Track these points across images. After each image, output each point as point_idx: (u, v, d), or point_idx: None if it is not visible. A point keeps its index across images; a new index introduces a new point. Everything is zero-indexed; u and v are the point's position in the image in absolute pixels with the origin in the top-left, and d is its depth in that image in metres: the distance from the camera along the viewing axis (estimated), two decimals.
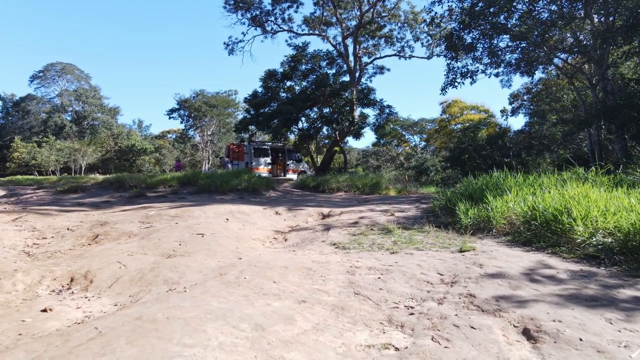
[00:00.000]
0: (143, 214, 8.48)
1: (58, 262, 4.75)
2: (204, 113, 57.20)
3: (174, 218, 7.90)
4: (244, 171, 16.23)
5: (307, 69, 24.83)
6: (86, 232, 6.94)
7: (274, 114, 23.39)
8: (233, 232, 6.70)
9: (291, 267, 4.49)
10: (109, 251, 5.31)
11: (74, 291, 4.00)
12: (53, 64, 75.62)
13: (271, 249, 6.22)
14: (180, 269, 4.44)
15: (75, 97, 72.22)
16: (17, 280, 3.97)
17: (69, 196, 12.82)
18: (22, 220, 8.66)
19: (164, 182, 13.83)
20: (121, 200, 11.74)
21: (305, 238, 6.88)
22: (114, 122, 73.54)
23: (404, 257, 4.98)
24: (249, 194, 13.53)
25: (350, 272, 4.38)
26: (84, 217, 8.88)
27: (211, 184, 13.54)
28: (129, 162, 56.11)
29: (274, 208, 9.85)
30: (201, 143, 61.92)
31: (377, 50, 25.91)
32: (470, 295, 3.52)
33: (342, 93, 23.40)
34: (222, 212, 8.74)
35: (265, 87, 25.42)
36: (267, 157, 26.35)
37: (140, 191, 12.53)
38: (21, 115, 73.06)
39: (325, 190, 16.77)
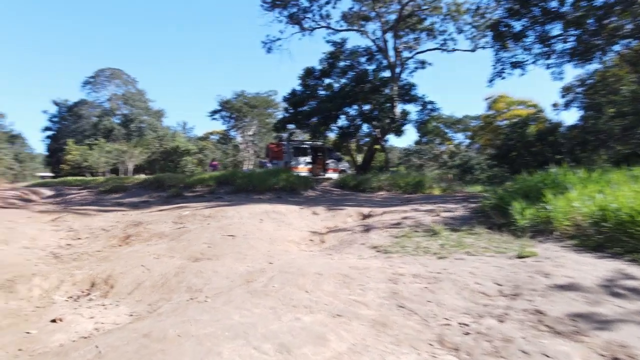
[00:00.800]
0: (177, 214, 8.29)
1: (82, 265, 4.52)
2: (245, 114, 57.82)
3: (207, 218, 7.63)
4: (282, 170, 15.93)
5: (345, 65, 24.27)
6: (119, 233, 6.78)
7: (313, 112, 22.97)
8: (266, 234, 6.33)
9: (326, 273, 4.04)
10: (136, 253, 5.06)
11: (92, 297, 3.72)
12: (103, 69, 78.72)
13: (306, 252, 5.80)
14: (206, 274, 4.09)
15: (123, 100, 75.00)
16: (34, 285, 3.75)
17: (110, 196, 12.94)
18: (61, 220, 8.68)
19: (201, 181, 13.73)
20: (159, 200, 11.69)
21: (344, 240, 6.41)
22: (159, 124, 75.76)
23: (453, 263, 4.42)
24: (287, 194, 13.21)
25: (392, 280, 3.88)
26: (121, 217, 8.80)
27: (248, 184, 13.31)
28: (173, 163, 57.48)
29: (311, 208, 9.44)
30: (242, 143, 62.62)
31: (418, 44, 24.97)
32: (538, 311, 2.94)
33: (382, 89, 22.69)
34: (256, 212, 8.41)
35: (304, 85, 25.07)
36: (307, 156, 26.02)
37: (178, 191, 12.47)
38: (74, 119, 76.60)
39: (366, 189, 16.23)
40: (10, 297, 3.48)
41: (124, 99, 75.10)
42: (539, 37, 17.76)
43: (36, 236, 6.60)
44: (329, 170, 26.76)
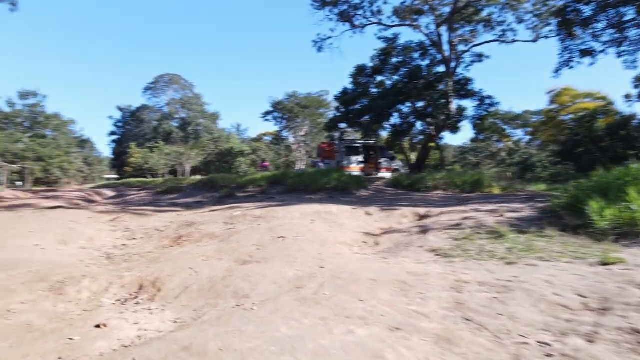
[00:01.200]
0: (228, 214, 8.24)
1: (132, 267, 4.48)
2: (297, 114, 58.22)
3: (257, 219, 7.51)
4: (334, 170, 15.68)
5: (398, 61, 23.68)
6: (171, 234, 6.79)
7: (365, 110, 22.60)
8: (317, 235, 6.08)
9: (382, 279, 3.73)
10: (186, 255, 4.97)
11: (140, 301, 3.62)
12: (162, 75, 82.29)
13: (359, 255, 5.48)
14: (254, 278, 3.90)
15: (181, 104, 78.01)
16: (83, 287, 3.70)
17: (166, 197, 13.24)
18: (119, 220, 8.89)
19: (253, 182, 13.76)
20: (212, 200, 11.80)
21: (400, 242, 6.04)
22: (214, 126, 78.08)
23: (525, 270, 3.96)
24: (339, 193, 12.94)
25: (456, 289, 3.50)
26: (175, 217, 8.89)
27: (300, 184, 13.17)
28: (228, 164, 58.94)
29: (364, 208, 9.10)
30: (295, 144, 63.12)
31: (474, 37, 23.86)
32: (635, 331, 2.48)
33: (437, 85, 21.92)
34: (307, 212, 8.20)
35: (355, 83, 24.74)
36: (359, 155, 25.64)
37: (230, 191, 12.54)
38: (137, 123, 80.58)
39: (421, 188, 15.66)
40: (59, 299, 3.44)
41: (181, 103, 78.07)
42: (610, 23, 16.38)
43: (94, 236, 6.75)
44: (381, 170, 26.24)
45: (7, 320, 2.95)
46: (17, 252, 4.77)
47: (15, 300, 3.32)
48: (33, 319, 3.02)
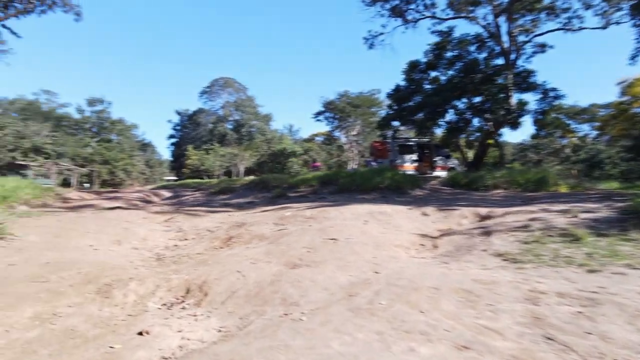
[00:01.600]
0: (279, 215, 8.08)
1: (180, 269, 4.37)
2: (348, 114, 57.87)
3: (308, 220, 7.28)
4: (387, 168, 15.22)
5: (453, 56, 22.74)
6: (222, 234, 6.70)
7: (418, 107, 21.88)
8: (371, 237, 5.74)
9: (444, 288, 3.35)
10: (234, 257, 4.81)
11: (186, 306, 3.47)
12: (217, 79, 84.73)
13: (417, 259, 5.10)
14: (304, 284, 3.65)
15: (235, 107, 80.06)
16: (130, 290, 3.61)
17: (218, 197, 13.37)
18: (172, 220, 8.99)
19: (305, 182, 13.60)
20: (263, 200, 11.75)
21: (460, 245, 5.59)
22: (267, 128, 79.48)
23: (612, 280, 3.44)
24: (392, 193, 12.50)
25: (531, 301, 3.07)
26: (227, 218, 8.86)
27: (352, 183, 12.85)
28: (280, 165, 59.63)
29: (420, 208, 8.64)
30: (347, 143, 62.81)
31: (536, 27, 22.39)
32: None
33: (495, 78, 20.82)
34: (360, 212, 7.87)
35: (408, 80, 24.03)
36: (413, 153, 24.93)
37: (281, 191, 12.44)
38: (193, 127, 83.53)
39: (479, 187, 14.88)
40: (106, 303, 3.35)
41: (235, 106, 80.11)
42: None
43: (147, 237, 6.79)
44: (436, 168, 25.38)
45: (52, 325, 2.88)
46: (72, 252, 4.81)
47: (63, 304, 3.26)
48: (77, 323, 2.93)
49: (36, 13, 19.44)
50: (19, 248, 4.75)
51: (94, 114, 67.75)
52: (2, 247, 4.73)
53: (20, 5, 18.33)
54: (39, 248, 4.81)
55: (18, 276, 3.79)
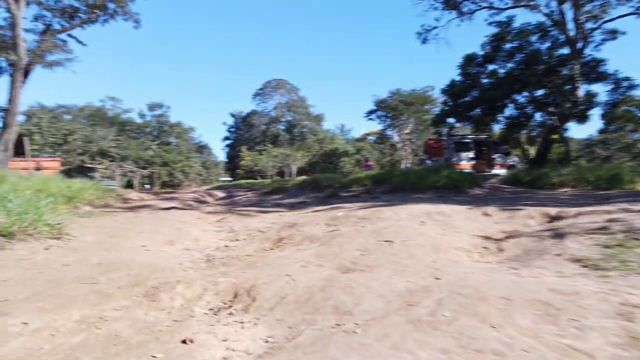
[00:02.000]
0: (331, 215, 7.83)
1: (229, 271, 4.22)
2: (401, 112, 56.86)
3: (361, 220, 6.97)
4: (443, 166, 14.61)
5: (512, 47, 21.56)
6: (273, 235, 6.55)
7: (475, 102, 20.93)
8: (429, 239, 5.36)
9: (517, 298, 2.96)
10: (284, 260, 4.61)
11: (233, 311, 3.29)
12: (269, 81, 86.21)
13: (481, 263, 4.66)
14: (357, 290, 3.36)
15: (287, 108, 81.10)
16: (177, 293, 3.48)
17: (271, 197, 13.35)
18: (225, 220, 8.99)
19: (357, 181, 13.30)
20: (315, 200, 11.57)
21: (530, 248, 5.08)
22: (319, 128, 79.89)
23: None
24: (449, 192, 11.93)
25: (624, 316, 2.61)
26: (278, 218, 8.74)
27: (406, 182, 12.40)
28: (332, 165, 59.60)
29: (481, 208, 8.09)
30: (399, 142, 61.75)
31: (605, 12, 20.74)
32: None
33: (560, 69, 19.48)
34: (416, 213, 7.47)
35: (464, 74, 23.08)
36: (470, 151, 23.94)
37: (333, 191, 12.22)
38: (247, 128, 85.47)
39: (544, 185, 13.94)
40: (152, 306, 3.24)
41: (287, 107, 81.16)
42: None
43: (199, 237, 6.77)
44: (495, 166, 24.24)
45: (97, 330, 2.78)
46: (124, 253, 4.81)
47: (110, 307, 3.18)
48: (122, 328, 2.82)
49: (99, 22, 20.48)
50: (75, 248, 4.81)
51: (154, 118, 70.93)
52: (59, 247, 4.81)
53: (85, 15, 19.36)
54: (93, 248, 4.85)
55: (70, 277, 3.78)
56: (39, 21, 18.89)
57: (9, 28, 15.86)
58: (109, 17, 19.83)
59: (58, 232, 5.21)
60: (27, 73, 16.75)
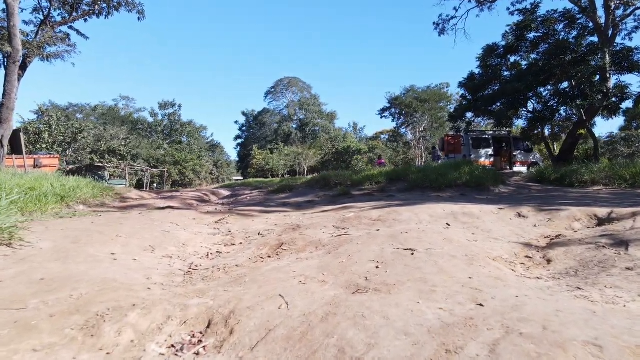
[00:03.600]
0: (340, 216, 6.85)
1: (207, 289, 3.26)
2: (415, 109, 55.60)
3: (375, 223, 5.97)
4: (464, 162, 13.50)
5: (536, 37, 20.29)
6: (273, 240, 5.57)
7: (496, 95, 19.72)
8: (459, 247, 4.33)
9: (609, 344, 1.95)
10: (279, 273, 3.64)
11: (201, 350, 2.33)
12: (281, 79, 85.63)
13: (530, 280, 3.62)
14: (371, 322, 2.38)
15: (299, 106, 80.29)
16: (128, 324, 2.53)
17: (277, 196, 12.43)
18: (223, 222, 8.07)
19: (370, 178, 12.28)
20: (324, 199, 10.61)
21: (586, 259, 4.04)
22: (331, 126, 78.97)
23: None
24: (472, 190, 10.86)
25: None
26: (282, 219, 7.79)
27: (424, 179, 11.34)
28: (345, 163, 58.60)
29: (514, 208, 7.02)
30: (413, 140, 60.51)
31: None
32: None
33: (589, 59, 18.18)
34: (439, 214, 6.44)
35: (484, 67, 21.88)
36: (489, 148, 22.77)
37: (344, 189, 11.23)
38: (259, 127, 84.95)
39: (574, 183, 12.81)
40: (88, 345, 2.30)
41: (299, 105, 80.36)
42: None
43: (188, 241, 5.84)
44: (516, 163, 23.06)
45: None
46: (81, 264, 3.89)
47: (26, 346, 2.24)
48: None
49: (103, 15, 19.74)
50: (22, 258, 3.90)
51: (166, 117, 70.71)
52: (2, 256, 3.90)
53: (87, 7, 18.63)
54: (44, 258, 3.94)
55: None
56: (39, 13, 18.25)
57: (4, 19, 15.22)
58: (112, 9, 19.10)
59: (9, 237, 4.31)
60: (25, 66, 16.11)
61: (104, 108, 71.00)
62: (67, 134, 38.96)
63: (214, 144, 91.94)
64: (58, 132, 38.07)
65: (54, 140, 37.66)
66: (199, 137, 74.69)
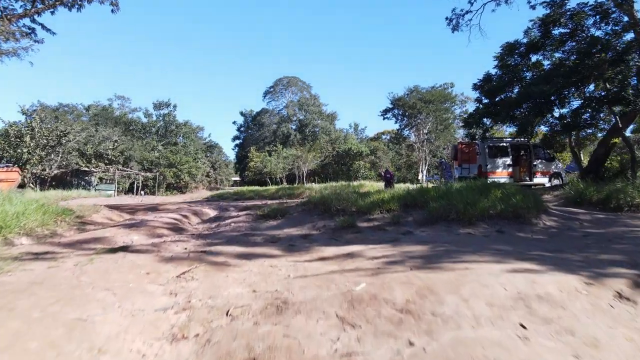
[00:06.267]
0: (345, 283, 4.53)
1: None
2: (419, 110, 53.32)
3: (402, 320, 3.55)
4: (493, 185, 11.18)
5: (563, 33, 18.00)
6: (241, 343, 3.32)
7: (520, 99, 17.38)
8: None
9: None
10: None
11: None
12: (280, 78, 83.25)
13: None
14: None
15: (298, 106, 77.91)
16: None
17: (267, 223, 10.20)
18: (188, 277, 5.79)
19: (380, 204, 10.00)
20: (323, 233, 8.40)
21: None
22: (332, 127, 76.60)
23: None
24: (509, 224, 8.60)
25: None
26: (266, 275, 5.50)
27: (448, 208, 9.07)
28: (346, 166, 56.32)
29: (601, 280, 4.62)
30: (417, 143, 58.22)
31: None
32: None
33: (626, 58, 15.89)
34: (501, 298, 4.08)
35: (503, 67, 19.61)
36: (507, 157, 20.50)
37: (349, 220, 8.96)
38: (257, 128, 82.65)
39: (622, 206, 10.67)
40: None
41: (299, 105, 78.01)
42: None
43: (111, 340, 3.56)
44: (536, 174, 20.80)
45: None
46: None
47: None
48: None
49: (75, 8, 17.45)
50: None
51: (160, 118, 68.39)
52: None
53: None
54: None
55: None
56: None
57: None
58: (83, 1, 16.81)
59: None
60: None
61: (98, 108, 68.65)
62: (51, 137, 36.61)
63: (212, 144, 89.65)
64: (41, 134, 35.74)
65: (36, 144, 35.33)
66: (195, 138, 72.32)
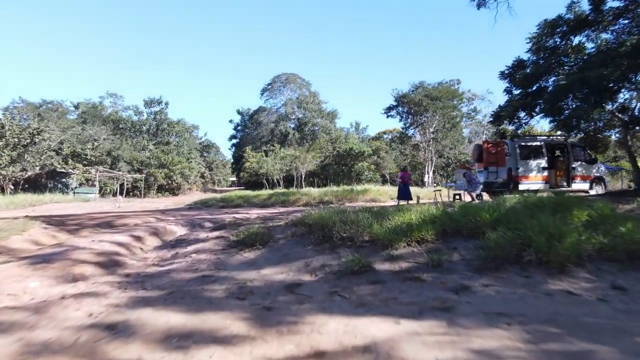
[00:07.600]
0: None
1: None
2: (425, 107, 50.01)
3: None
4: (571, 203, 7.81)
5: (618, 7, 14.71)
6: None
7: (571, 87, 13.97)
8: None
9: None
10: None
11: None
12: (279, 75, 79.90)
13: None
14: None
15: (297, 104, 74.57)
16: None
17: (239, 257, 6.97)
18: None
19: (406, 232, 6.68)
20: (323, 284, 5.14)
21: None
22: (332, 126, 73.33)
23: None
24: (622, 270, 5.33)
25: None
26: None
27: (517, 241, 5.75)
28: (347, 167, 52.98)
29: None
30: (422, 142, 54.91)
31: None
32: None
33: None
34: None
35: (538, 50, 16.34)
36: (541, 158, 17.20)
37: (361, 260, 5.65)
38: (254, 126, 79.34)
39: None
40: None
41: (298, 103, 74.73)
42: None
43: None
44: (575, 178, 17.49)
45: None
46: None
47: None
48: None
49: None
50: None
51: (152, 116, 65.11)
52: None
53: None
54: None
55: None
56: None
57: None
58: None
59: None
60: None
61: (87, 105, 65.27)
62: (24, 135, 33.31)
63: (208, 144, 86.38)
64: (12, 133, 32.47)
65: (6, 143, 32.04)
66: (188, 138, 68.90)
